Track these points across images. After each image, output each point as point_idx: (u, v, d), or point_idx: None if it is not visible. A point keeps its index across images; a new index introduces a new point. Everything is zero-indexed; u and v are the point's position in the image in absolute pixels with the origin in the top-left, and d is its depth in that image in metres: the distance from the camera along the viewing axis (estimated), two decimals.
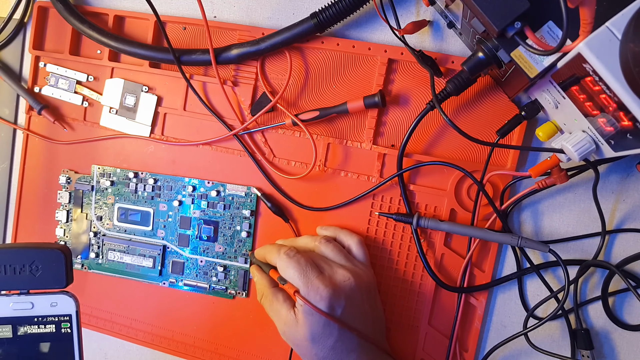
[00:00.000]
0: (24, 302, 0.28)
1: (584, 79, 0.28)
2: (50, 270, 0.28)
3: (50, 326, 0.28)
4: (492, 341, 0.43)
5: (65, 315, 0.28)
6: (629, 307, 0.40)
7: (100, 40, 0.44)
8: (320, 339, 0.35)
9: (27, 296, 0.28)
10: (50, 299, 0.28)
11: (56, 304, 0.28)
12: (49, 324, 0.28)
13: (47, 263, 0.27)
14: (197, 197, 0.46)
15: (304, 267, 0.37)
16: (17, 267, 0.27)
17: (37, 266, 0.27)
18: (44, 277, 0.28)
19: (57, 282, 0.28)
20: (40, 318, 0.28)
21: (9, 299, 0.28)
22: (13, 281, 0.27)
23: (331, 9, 0.39)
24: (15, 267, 0.27)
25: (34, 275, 0.27)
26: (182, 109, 0.46)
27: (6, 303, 0.27)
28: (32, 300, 0.28)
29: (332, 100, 0.43)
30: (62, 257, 0.28)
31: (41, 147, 0.50)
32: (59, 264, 0.28)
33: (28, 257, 0.27)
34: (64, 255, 0.28)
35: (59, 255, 0.27)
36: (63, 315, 0.28)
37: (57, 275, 0.28)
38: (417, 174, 0.42)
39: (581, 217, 0.41)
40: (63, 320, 0.28)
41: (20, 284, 0.27)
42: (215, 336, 0.47)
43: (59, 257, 0.28)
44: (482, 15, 0.29)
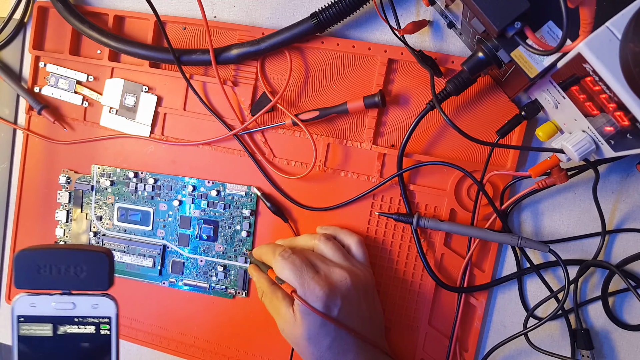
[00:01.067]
0: (66, 302, 0.28)
1: (584, 79, 0.28)
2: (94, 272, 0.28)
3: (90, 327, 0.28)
4: (492, 341, 0.43)
5: (106, 317, 0.28)
6: (629, 307, 0.40)
7: (100, 40, 0.44)
8: (317, 338, 0.36)
9: (69, 296, 0.28)
10: (91, 300, 0.28)
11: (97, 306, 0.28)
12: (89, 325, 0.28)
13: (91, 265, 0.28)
14: (197, 196, 0.46)
15: (300, 267, 0.37)
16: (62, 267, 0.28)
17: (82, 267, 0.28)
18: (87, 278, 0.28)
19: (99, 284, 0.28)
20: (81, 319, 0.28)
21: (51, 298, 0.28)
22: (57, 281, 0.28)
23: (331, 9, 0.39)
24: (60, 268, 0.27)
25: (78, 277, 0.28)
26: (182, 109, 0.46)
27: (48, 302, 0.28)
28: (74, 301, 0.28)
29: (332, 100, 0.43)
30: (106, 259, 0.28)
31: (41, 147, 0.50)
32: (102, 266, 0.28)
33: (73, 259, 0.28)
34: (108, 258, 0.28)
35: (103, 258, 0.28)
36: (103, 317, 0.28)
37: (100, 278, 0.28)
38: (417, 174, 0.42)
39: (581, 217, 0.41)
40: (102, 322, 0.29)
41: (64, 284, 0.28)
42: (215, 336, 0.47)
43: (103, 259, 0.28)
44: (482, 15, 0.29)
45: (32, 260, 0.27)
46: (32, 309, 0.28)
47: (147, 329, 0.49)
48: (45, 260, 0.28)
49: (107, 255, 0.28)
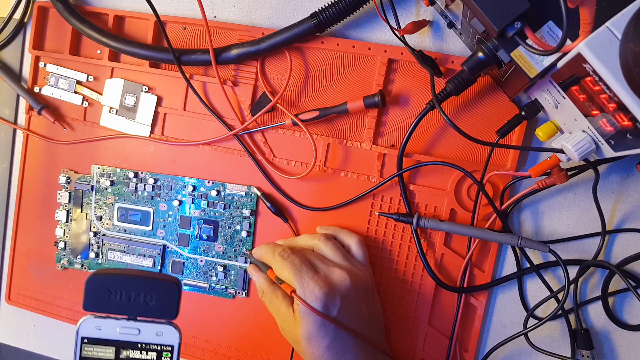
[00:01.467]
0: (131, 327, 0.28)
1: (584, 79, 0.28)
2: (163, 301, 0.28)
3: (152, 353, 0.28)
4: (492, 341, 0.43)
5: (169, 346, 0.28)
6: (629, 307, 0.40)
7: (100, 40, 0.44)
8: (316, 338, 0.36)
9: (135, 322, 0.28)
10: (157, 328, 0.28)
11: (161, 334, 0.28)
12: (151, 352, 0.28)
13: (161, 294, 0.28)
14: (197, 196, 0.46)
15: (299, 267, 0.37)
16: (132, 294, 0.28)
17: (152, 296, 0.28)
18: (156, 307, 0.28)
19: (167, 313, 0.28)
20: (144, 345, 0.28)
21: (117, 323, 0.28)
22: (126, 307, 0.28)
23: (331, 9, 0.39)
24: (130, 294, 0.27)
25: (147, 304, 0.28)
26: (182, 109, 0.46)
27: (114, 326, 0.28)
28: (139, 327, 0.28)
29: (332, 100, 0.43)
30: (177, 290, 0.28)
31: (41, 147, 0.50)
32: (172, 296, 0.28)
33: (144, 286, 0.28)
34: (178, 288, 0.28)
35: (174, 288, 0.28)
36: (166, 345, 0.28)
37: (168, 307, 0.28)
38: (417, 174, 0.42)
39: (581, 217, 0.41)
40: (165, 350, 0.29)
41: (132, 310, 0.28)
42: (215, 336, 0.47)
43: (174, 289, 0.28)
44: (482, 15, 0.29)
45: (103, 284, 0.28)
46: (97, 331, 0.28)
47: None
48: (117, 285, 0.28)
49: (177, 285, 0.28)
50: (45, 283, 0.51)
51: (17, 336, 0.54)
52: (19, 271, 0.52)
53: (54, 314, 0.51)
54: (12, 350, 0.55)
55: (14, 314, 0.54)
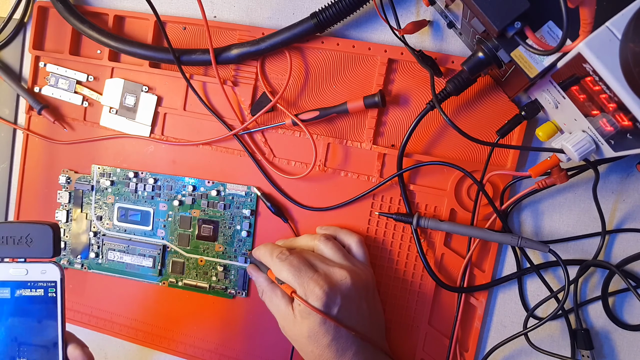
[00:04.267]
0: (20, 269, 0.33)
1: (584, 79, 0.28)
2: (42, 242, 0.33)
3: (39, 290, 0.33)
4: (492, 341, 0.43)
5: (52, 282, 0.33)
6: (629, 307, 0.40)
7: (100, 40, 0.44)
8: (316, 337, 0.36)
9: (23, 264, 0.33)
10: (41, 267, 0.33)
11: (45, 272, 0.33)
12: (39, 288, 0.33)
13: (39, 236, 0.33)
14: (197, 196, 0.46)
15: (298, 267, 0.37)
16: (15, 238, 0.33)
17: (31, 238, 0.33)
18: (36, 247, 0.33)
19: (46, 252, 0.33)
20: (33, 283, 0.33)
21: (8, 266, 0.33)
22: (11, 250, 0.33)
23: (331, 9, 0.39)
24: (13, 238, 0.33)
25: (28, 246, 0.33)
26: (182, 109, 0.46)
27: (6, 269, 0.33)
28: (26, 268, 0.33)
29: (332, 100, 0.43)
30: (51, 231, 0.33)
31: (41, 147, 0.50)
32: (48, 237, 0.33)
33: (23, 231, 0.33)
34: (53, 230, 0.33)
35: (48, 229, 0.33)
36: (50, 281, 0.33)
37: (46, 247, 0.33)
38: (417, 174, 0.42)
39: (581, 217, 0.41)
40: (50, 286, 0.33)
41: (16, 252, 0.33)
42: (215, 336, 0.47)
43: (48, 231, 0.33)
44: (482, 15, 0.29)
45: None
46: None
47: (147, 329, 0.49)
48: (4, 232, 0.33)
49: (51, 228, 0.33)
50: None
51: None
52: None
53: None
54: None
55: None
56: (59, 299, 0.34)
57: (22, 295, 0.33)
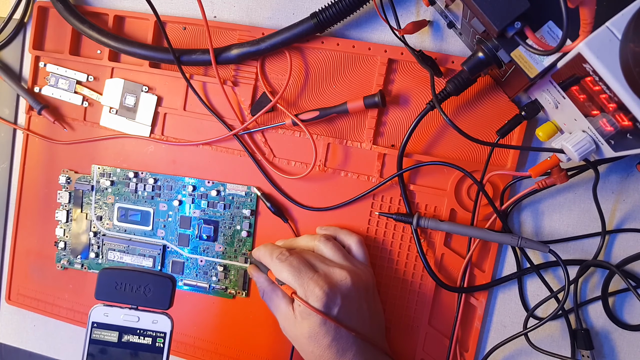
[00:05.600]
0: (132, 315, 0.34)
1: (584, 79, 0.28)
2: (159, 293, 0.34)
3: (148, 339, 0.34)
4: (492, 341, 0.43)
5: (162, 332, 0.34)
6: (629, 307, 0.40)
7: (100, 40, 0.44)
8: (317, 337, 0.36)
9: (135, 311, 0.34)
10: (153, 316, 0.34)
11: (157, 322, 0.34)
12: (147, 337, 0.34)
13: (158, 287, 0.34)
14: (197, 196, 0.46)
15: (297, 268, 0.37)
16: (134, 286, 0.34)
17: (150, 288, 0.34)
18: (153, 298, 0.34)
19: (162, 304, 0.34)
20: (142, 331, 0.34)
21: (121, 311, 0.34)
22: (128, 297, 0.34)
23: (331, 9, 0.39)
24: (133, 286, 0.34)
25: (146, 296, 0.34)
26: (182, 109, 0.46)
27: (118, 314, 0.34)
28: (139, 315, 0.34)
29: (332, 100, 0.43)
30: (170, 284, 0.34)
31: (41, 147, 0.50)
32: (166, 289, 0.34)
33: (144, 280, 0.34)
34: (172, 283, 0.34)
35: (168, 282, 0.34)
36: (160, 332, 0.34)
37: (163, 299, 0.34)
38: (417, 174, 0.42)
39: (581, 217, 0.41)
40: (158, 336, 0.34)
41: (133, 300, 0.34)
42: (215, 336, 0.47)
43: (168, 284, 0.34)
44: (482, 15, 0.29)
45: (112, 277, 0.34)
46: (105, 317, 0.34)
47: None
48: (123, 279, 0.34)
49: (171, 281, 0.34)
50: (45, 283, 0.51)
51: (17, 336, 0.54)
52: (19, 271, 0.52)
53: (54, 314, 0.51)
54: (12, 350, 0.55)
55: (14, 314, 0.54)
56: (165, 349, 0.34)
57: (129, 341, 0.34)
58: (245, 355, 0.47)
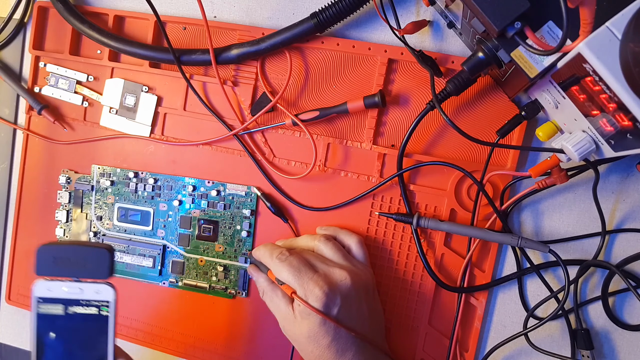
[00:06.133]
0: (75, 287, 0.34)
1: (584, 79, 0.28)
2: (98, 264, 0.34)
3: (93, 308, 0.35)
4: (492, 341, 0.43)
5: (105, 301, 0.35)
6: (629, 307, 0.40)
7: (100, 40, 0.44)
8: (316, 337, 0.36)
9: (77, 283, 0.34)
10: (95, 287, 0.35)
11: (99, 292, 0.35)
12: (92, 307, 0.35)
13: (96, 258, 0.34)
14: (197, 196, 0.46)
15: (297, 268, 0.37)
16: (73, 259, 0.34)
17: (88, 260, 0.34)
18: (92, 269, 0.35)
19: (102, 274, 0.35)
20: (86, 301, 0.35)
21: (63, 284, 0.34)
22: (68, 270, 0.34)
23: (331, 9, 0.39)
24: (71, 259, 0.34)
25: (85, 267, 0.34)
26: (182, 109, 0.46)
27: (61, 287, 0.34)
28: (81, 287, 0.34)
29: (332, 100, 0.43)
30: (108, 254, 0.35)
31: (41, 147, 0.50)
32: (104, 259, 0.35)
33: (82, 253, 0.34)
34: (109, 253, 0.35)
35: (105, 252, 0.35)
36: (104, 300, 0.35)
37: (102, 268, 0.35)
38: (417, 174, 0.42)
39: (581, 217, 0.41)
40: (103, 305, 0.35)
41: (73, 272, 0.34)
42: (215, 336, 0.47)
43: (105, 254, 0.35)
44: (482, 15, 0.29)
45: (51, 252, 0.34)
46: (48, 292, 0.34)
47: (147, 329, 0.49)
48: (61, 253, 0.34)
49: (108, 251, 0.35)
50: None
51: (17, 336, 0.54)
52: (19, 271, 0.52)
53: None
54: (12, 350, 0.55)
55: (14, 314, 0.54)
56: (111, 317, 0.35)
57: (75, 313, 0.35)
58: (245, 355, 0.47)
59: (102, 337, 0.35)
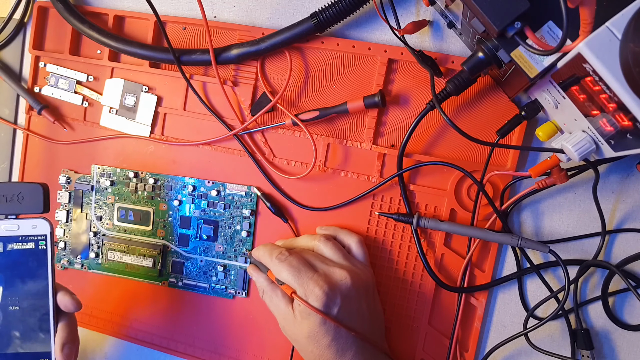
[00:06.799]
0: (11, 224, 0.36)
1: (584, 79, 0.28)
2: (32, 199, 0.36)
3: (30, 243, 0.36)
4: (492, 341, 0.43)
5: (42, 235, 0.36)
6: (629, 307, 0.41)
7: (100, 40, 0.44)
8: (316, 337, 0.36)
9: (14, 220, 0.36)
10: (31, 222, 0.36)
11: (36, 226, 0.36)
12: (30, 242, 0.36)
13: (30, 194, 0.36)
14: (197, 196, 0.46)
15: (297, 268, 0.37)
16: (7, 196, 0.35)
17: (23, 196, 0.35)
18: (27, 204, 0.36)
19: (37, 208, 0.36)
20: (24, 237, 0.36)
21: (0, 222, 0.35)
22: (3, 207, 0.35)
23: (331, 9, 0.39)
24: (5, 196, 0.35)
25: (20, 203, 0.35)
26: (182, 109, 0.46)
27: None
28: (18, 223, 0.36)
29: (332, 100, 0.43)
30: (41, 189, 0.36)
31: (41, 147, 0.50)
32: (38, 194, 0.35)
33: (15, 189, 0.35)
34: (43, 188, 0.36)
35: (39, 187, 0.35)
36: (41, 235, 0.36)
37: (36, 204, 0.36)
38: (417, 174, 0.42)
39: (581, 217, 0.41)
40: (40, 239, 0.36)
41: (9, 209, 0.35)
42: (215, 336, 0.47)
43: (39, 189, 0.36)
44: (482, 15, 0.29)
45: None
46: None
47: (147, 329, 0.49)
48: None
49: (42, 186, 0.36)
50: None
51: None
52: None
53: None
54: None
55: None
56: (49, 250, 0.36)
57: (14, 249, 0.36)
58: (245, 355, 0.47)
59: (42, 271, 0.36)
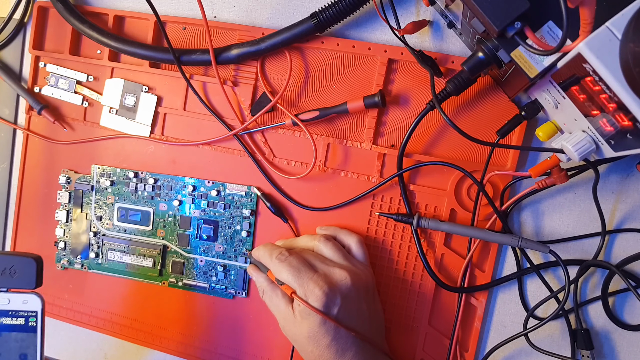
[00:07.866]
0: (2, 298, 0.34)
1: (584, 79, 0.28)
2: (25, 273, 0.34)
3: (20, 319, 0.35)
4: (492, 341, 0.43)
5: (33, 312, 0.35)
6: (629, 307, 0.40)
7: (100, 40, 0.44)
8: (316, 337, 0.36)
9: (5, 294, 0.34)
10: (22, 297, 0.35)
11: (27, 302, 0.35)
12: (20, 317, 0.35)
13: (23, 268, 0.34)
14: (197, 196, 0.46)
15: (297, 268, 0.37)
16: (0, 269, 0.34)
17: (15, 270, 0.34)
18: (19, 279, 0.34)
19: (29, 284, 0.34)
20: (14, 312, 0.35)
21: None
22: None
23: (331, 9, 0.39)
24: None
25: (12, 277, 0.34)
26: (182, 109, 0.46)
27: None
28: (8, 297, 0.34)
29: (332, 100, 0.43)
30: (34, 263, 0.34)
31: (41, 147, 0.50)
32: (31, 269, 0.34)
33: (8, 262, 0.34)
34: (36, 263, 0.34)
35: (32, 262, 0.34)
36: (31, 311, 0.35)
37: (29, 278, 0.34)
38: (417, 174, 0.42)
39: (581, 217, 0.41)
40: (30, 315, 0.35)
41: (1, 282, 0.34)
42: (215, 336, 0.47)
43: (32, 263, 0.34)
44: (482, 15, 0.29)
45: None
46: None
47: (148, 329, 0.49)
48: None
49: (35, 260, 0.34)
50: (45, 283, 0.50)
51: None
52: None
53: (54, 314, 0.51)
54: None
55: None
56: (38, 328, 0.35)
57: (2, 324, 0.35)
58: (245, 355, 0.47)
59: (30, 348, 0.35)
